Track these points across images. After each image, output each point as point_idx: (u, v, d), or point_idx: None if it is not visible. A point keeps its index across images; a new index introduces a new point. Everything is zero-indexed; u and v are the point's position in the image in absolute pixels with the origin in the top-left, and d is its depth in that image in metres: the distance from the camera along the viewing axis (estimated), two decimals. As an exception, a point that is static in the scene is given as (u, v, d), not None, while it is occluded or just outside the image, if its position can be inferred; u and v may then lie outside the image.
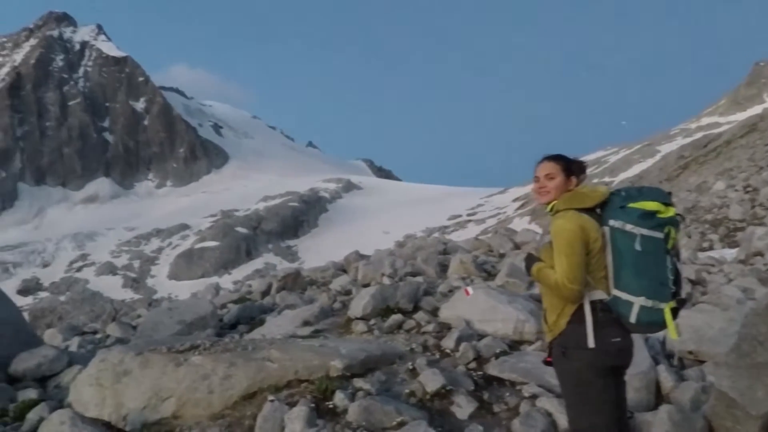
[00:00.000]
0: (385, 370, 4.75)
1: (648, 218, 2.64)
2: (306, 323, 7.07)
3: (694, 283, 9.06)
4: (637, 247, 2.63)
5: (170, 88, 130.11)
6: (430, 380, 4.45)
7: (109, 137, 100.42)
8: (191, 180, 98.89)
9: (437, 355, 5.29)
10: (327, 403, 4.18)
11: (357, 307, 6.80)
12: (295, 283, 10.84)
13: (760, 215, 16.72)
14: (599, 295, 2.75)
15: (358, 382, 4.44)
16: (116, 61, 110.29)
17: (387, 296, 6.89)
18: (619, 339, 2.74)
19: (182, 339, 5.84)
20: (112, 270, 59.66)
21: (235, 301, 10.38)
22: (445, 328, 5.98)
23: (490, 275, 9.26)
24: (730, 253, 13.45)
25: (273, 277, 12.26)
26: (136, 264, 61.24)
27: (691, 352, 5.04)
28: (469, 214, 60.72)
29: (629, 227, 2.65)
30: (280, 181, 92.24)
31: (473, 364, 4.99)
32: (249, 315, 8.68)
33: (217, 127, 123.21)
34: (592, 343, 2.72)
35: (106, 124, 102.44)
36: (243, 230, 64.83)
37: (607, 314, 2.73)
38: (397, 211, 70.11)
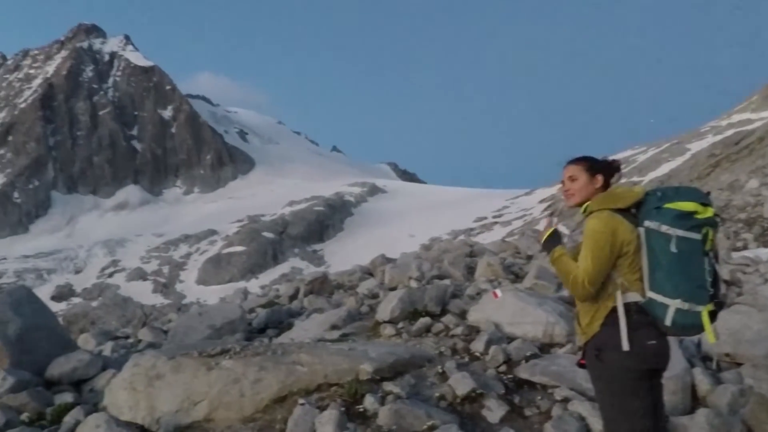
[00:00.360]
0: (414, 374, 4.73)
1: (684, 219, 2.57)
2: (334, 327, 7.09)
3: (729, 283, 8.84)
4: (673, 248, 2.57)
5: (196, 96, 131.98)
6: (460, 384, 4.42)
7: (137, 145, 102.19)
8: (218, 186, 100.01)
9: (466, 359, 5.26)
10: (357, 407, 4.18)
11: (385, 311, 6.80)
12: (323, 287, 10.89)
13: (796, 213, 16.24)
14: (634, 297, 2.70)
15: (388, 386, 4.43)
16: (144, 71, 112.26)
17: (415, 299, 6.88)
18: (654, 341, 2.67)
19: (213, 343, 5.90)
20: (142, 275, 60.64)
21: (263, 306, 10.46)
22: (473, 331, 5.94)
23: (517, 277, 9.18)
24: (766, 253, 13.10)
25: (300, 281, 12.33)
26: (166, 269, 62.12)
27: (727, 355, 4.92)
28: (494, 216, 60.24)
29: (665, 228, 2.58)
30: (305, 186, 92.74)
31: (503, 368, 4.95)
32: (277, 319, 8.74)
33: (242, 134, 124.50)
34: (626, 345, 2.66)
35: (135, 132, 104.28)
36: (269, 235, 65.31)
37: (642, 316, 2.68)
38: (422, 214, 69.89)
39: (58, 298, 54.55)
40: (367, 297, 9.02)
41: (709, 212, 2.59)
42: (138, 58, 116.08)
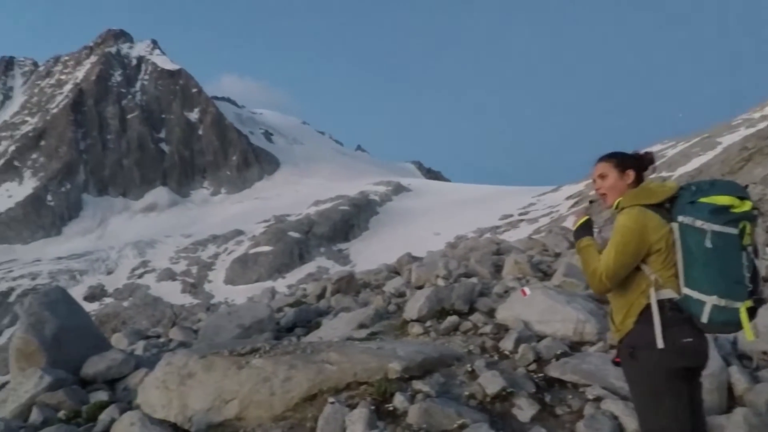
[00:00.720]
0: (443, 372, 4.71)
1: (720, 213, 2.49)
2: (361, 326, 7.11)
3: (765, 279, 8.64)
4: (708, 244, 2.49)
5: (222, 98, 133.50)
6: (490, 382, 4.40)
7: (165, 147, 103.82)
8: (244, 187, 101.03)
9: (496, 357, 5.22)
10: (387, 405, 4.18)
11: (412, 309, 6.79)
12: (349, 286, 10.93)
13: (834, 207, 15.78)
14: (668, 293, 2.64)
15: (417, 384, 4.43)
16: (170, 74, 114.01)
17: (442, 298, 6.86)
18: (691, 339, 2.61)
19: (242, 342, 5.96)
20: (172, 276, 61.58)
21: (291, 305, 10.54)
22: (502, 330, 5.89)
23: (546, 275, 9.09)
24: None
25: (327, 280, 12.39)
26: (194, 270, 62.97)
27: (765, 353, 4.81)
28: (521, 214, 59.64)
29: (699, 223, 2.52)
30: (330, 186, 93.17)
31: (533, 366, 4.90)
32: (305, 318, 8.80)
33: (268, 134, 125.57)
34: (661, 343, 2.60)
35: (163, 135, 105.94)
36: (295, 235, 65.73)
37: (677, 314, 2.62)
38: (448, 212, 69.59)
39: (90, 298, 55.69)
40: (394, 296, 9.02)
41: (746, 206, 2.51)
42: (165, 62, 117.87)
